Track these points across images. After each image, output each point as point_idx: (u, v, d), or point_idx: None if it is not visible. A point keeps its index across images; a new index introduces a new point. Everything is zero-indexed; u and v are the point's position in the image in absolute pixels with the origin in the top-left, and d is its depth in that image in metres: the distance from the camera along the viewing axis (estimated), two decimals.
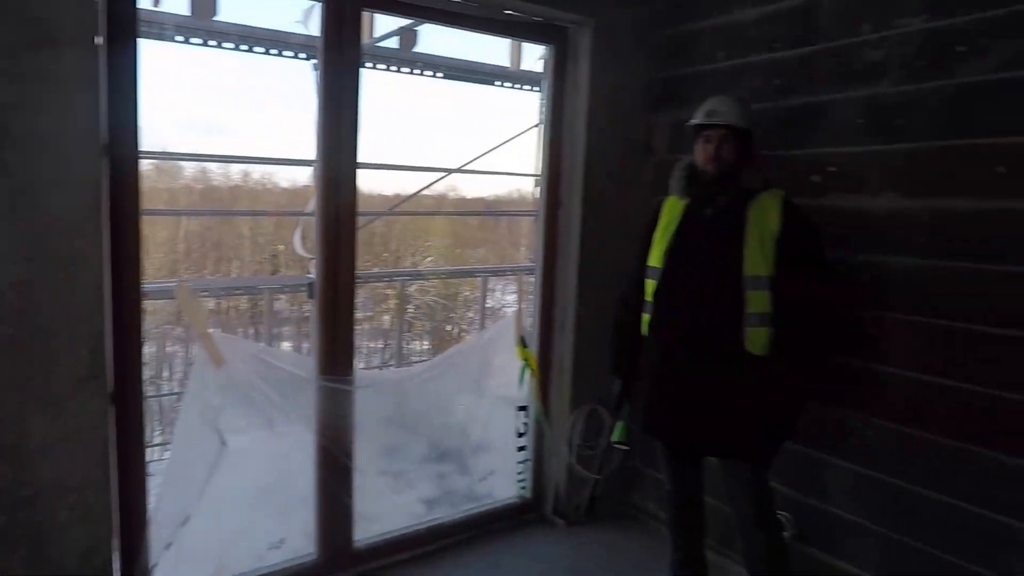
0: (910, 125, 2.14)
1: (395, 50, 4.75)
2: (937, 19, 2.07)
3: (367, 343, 14.40)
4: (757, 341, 2.01)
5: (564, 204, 2.95)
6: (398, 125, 17.45)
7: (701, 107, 2.15)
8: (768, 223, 2.02)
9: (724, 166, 2.08)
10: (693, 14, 2.81)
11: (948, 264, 2.07)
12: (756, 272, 2.00)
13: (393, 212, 6.11)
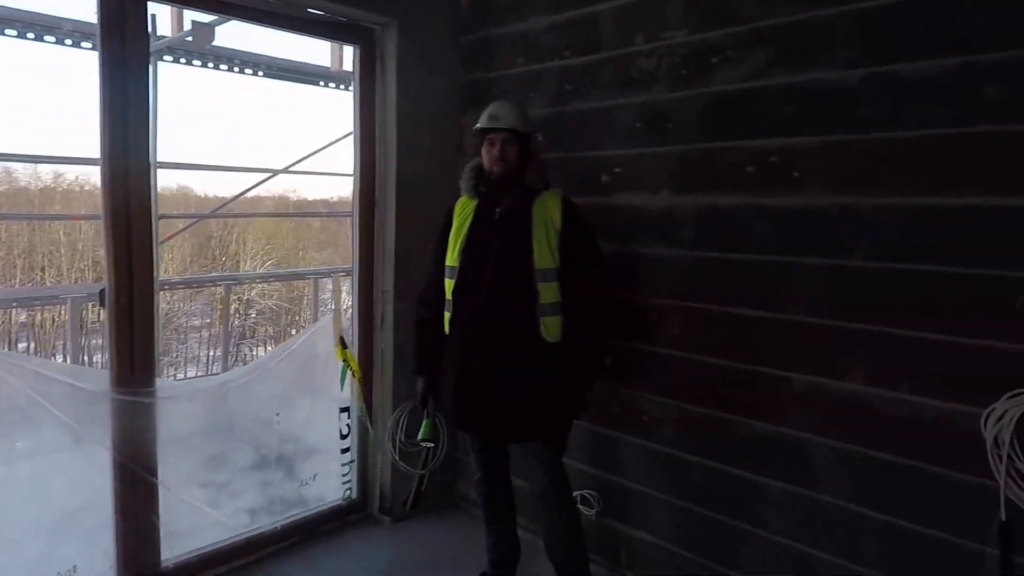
0: (679, 129, 2.36)
1: (210, 46, 4.50)
2: (695, 33, 2.30)
3: (207, 351, 13.48)
4: (552, 329, 2.17)
5: (380, 204, 2.95)
6: (222, 125, 16.42)
7: (484, 112, 2.26)
8: (551, 220, 2.18)
9: (508, 168, 2.20)
10: (494, 20, 2.90)
11: (710, 255, 2.30)
12: (545, 266, 2.15)
13: (203, 216, 5.76)
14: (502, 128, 2.20)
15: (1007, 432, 1.74)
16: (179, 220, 6.18)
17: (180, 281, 5.66)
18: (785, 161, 2.12)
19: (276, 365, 2.68)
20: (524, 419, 2.19)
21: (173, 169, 4.82)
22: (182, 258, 14.17)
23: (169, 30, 4.10)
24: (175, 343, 13.01)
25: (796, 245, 2.11)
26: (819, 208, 2.06)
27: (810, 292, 2.09)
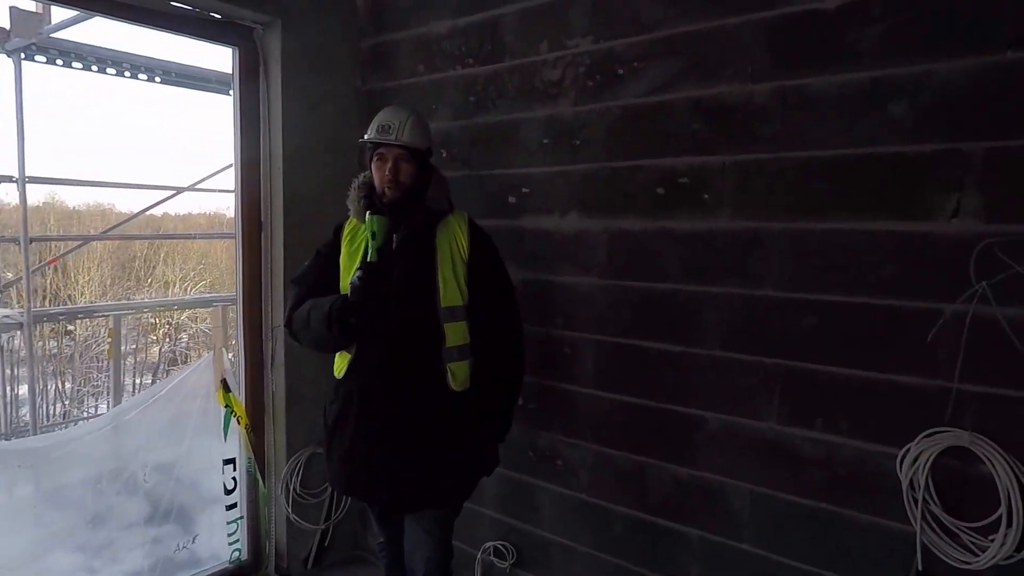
0: (586, 145, 2.17)
1: (91, 47, 4.10)
2: (600, 41, 2.11)
3: (135, 379, 12.76)
4: (459, 376, 1.88)
5: (266, 226, 2.65)
6: (118, 135, 15.33)
7: (374, 120, 1.92)
8: (457, 248, 1.90)
9: (403, 189, 1.87)
10: (393, 23, 2.66)
11: (621, 283, 2.11)
12: (452, 302, 1.87)
13: (89, 239, 5.32)
14: (394, 144, 1.87)
15: (922, 475, 1.62)
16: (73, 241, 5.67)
17: (62, 312, 5.16)
18: (695, 182, 1.95)
19: (140, 414, 2.34)
20: (425, 487, 1.87)
21: (50, 184, 4.36)
22: (101, 280, 13.33)
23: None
24: (95, 371, 12.23)
25: (707, 273, 1.94)
26: (729, 233, 1.90)
27: (722, 324, 1.92)
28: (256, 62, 2.57)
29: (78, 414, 11.79)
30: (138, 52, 4.41)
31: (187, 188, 5.25)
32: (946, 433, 1.60)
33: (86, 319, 5.81)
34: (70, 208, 13.70)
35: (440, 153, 2.52)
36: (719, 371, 1.93)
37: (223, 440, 2.58)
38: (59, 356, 11.76)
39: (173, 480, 2.56)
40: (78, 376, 11.93)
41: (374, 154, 1.91)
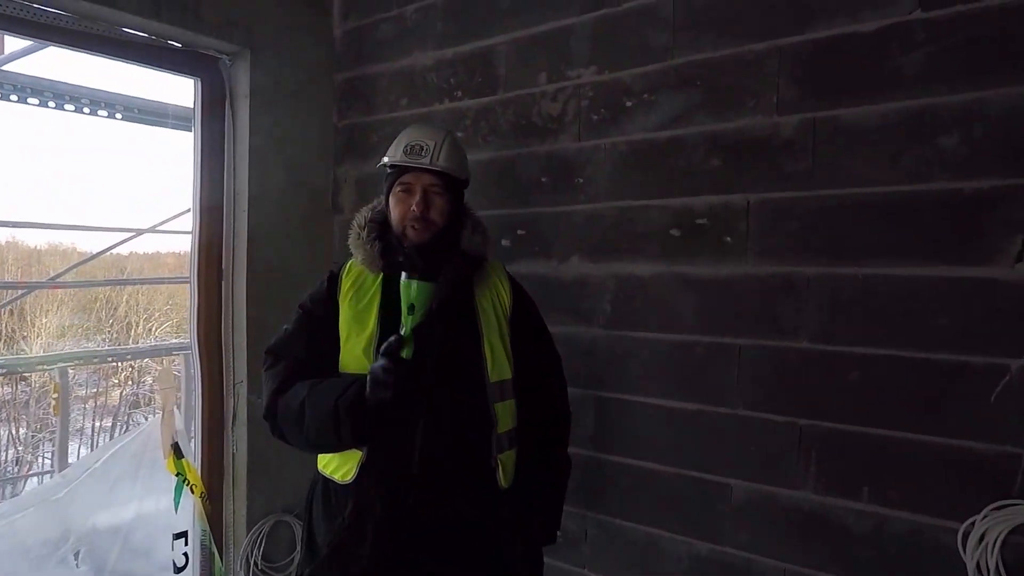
0: (590, 184, 1.97)
1: (48, 81, 3.85)
2: (606, 71, 1.94)
3: (95, 422, 12.16)
4: (508, 468, 1.49)
5: (227, 273, 2.39)
6: (80, 175, 14.86)
7: (399, 139, 1.54)
8: (500, 307, 1.54)
9: (434, 231, 1.48)
10: (372, 55, 2.47)
11: (631, 335, 1.89)
12: (501, 376, 1.49)
13: (36, 286, 5.00)
14: (430, 169, 1.47)
15: (991, 556, 1.41)
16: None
17: (9, 361, 4.77)
18: (715, 223, 1.76)
19: (72, 489, 2.03)
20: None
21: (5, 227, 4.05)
22: (59, 323, 12.76)
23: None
24: (51, 417, 11.62)
25: (729, 323, 1.74)
26: (755, 279, 1.70)
27: (747, 380, 1.71)
28: (221, 95, 2.35)
29: (32, 459, 11.14)
30: (98, 87, 4.18)
31: (148, 229, 4.96)
32: (1018, 507, 1.40)
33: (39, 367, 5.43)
34: (31, 248, 13.15)
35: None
36: (745, 433, 1.71)
37: (174, 511, 2.27)
38: (13, 401, 11.14)
39: (112, 560, 2.23)
40: (33, 421, 11.31)
41: (396, 182, 1.51)
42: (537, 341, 1.63)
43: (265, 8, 2.33)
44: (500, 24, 2.14)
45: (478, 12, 2.19)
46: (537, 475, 1.56)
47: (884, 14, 1.54)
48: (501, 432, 1.47)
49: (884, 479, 1.53)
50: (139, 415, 13.41)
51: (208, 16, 2.17)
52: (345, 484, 1.41)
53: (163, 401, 2.27)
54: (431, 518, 1.40)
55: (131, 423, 13.64)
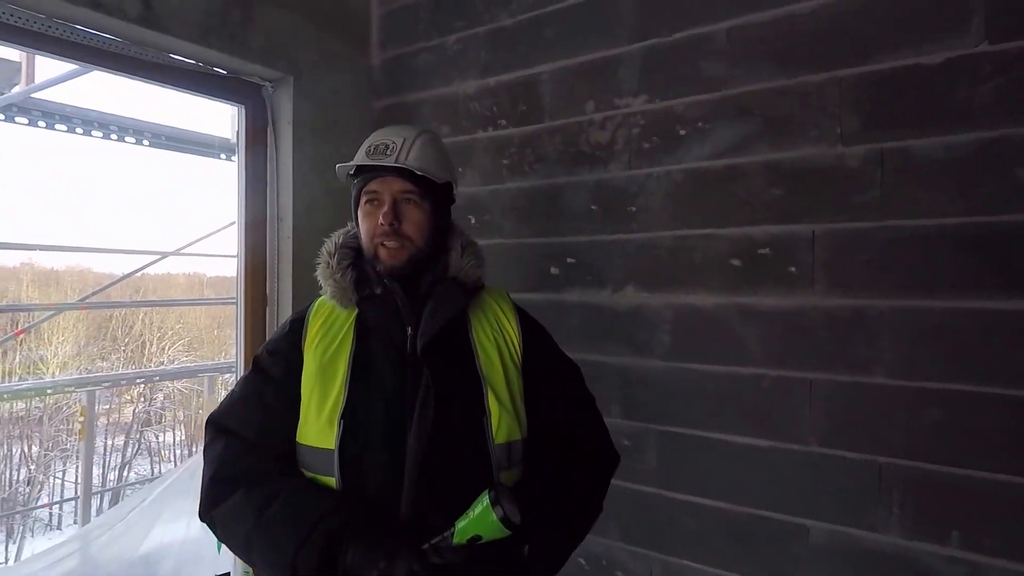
0: (644, 213, 1.94)
1: (75, 108, 3.87)
2: (657, 99, 1.92)
3: (108, 440, 12.18)
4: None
5: (271, 299, 2.37)
6: (103, 199, 15.04)
7: (366, 140, 1.29)
8: (507, 344, 1.26)
9: (410, 250, 1.21)
10: (412, 83, 2.46)
11: (690, 367, 1.85)
12: (510, 435, 1.18)
13: (64, 307, 5.01)
14: (398, 170, 1.19)
15: None
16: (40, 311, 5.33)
17: (27, 389, 4.77)
18: (778, 253, 1.73)
19: (109, 540, 1.98)
20: None
21: (24, 250, 4.07)
22: (75, 340, 12.80)
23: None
24: (64, 434, 11.63)
25: (797, 357, 1.69)
26: (824, 311, 1.66)
27: (820, 416, 1.66)
28: (264, 122, 2.34)
29: (43, 480, 11.11)
30: (125, 115, 4.21)
31: (171, 253, 4.98)
32: None
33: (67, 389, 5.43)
34: (48, 269, 13.27)
35: (468, 219, 2.29)
36: (820, 471, 1.66)
37: (216, 552, 2.23)
38: (27, 418, 11.15)
39: None
40: (46, 439, 11.31)
41: (362, 192, 1.24)
42: (563, 384, 1.33)
43: (307, 36, 2.33)
44: (545, 53, 2.12)
45: (522, 42, 2.17)
46: (559, 502, 1.20)
47: (950, 46, 1.51)
48: None
49: (976, 523, 1.48)
50: (151, 433, 13.42)
51: (254, 43, 2.16)
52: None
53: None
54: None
55: (143, 441, 13.62)
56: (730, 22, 1.79)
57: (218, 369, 4.99)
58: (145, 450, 13.05)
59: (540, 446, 1.24)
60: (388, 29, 2.52)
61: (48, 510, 10.13)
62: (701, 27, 1.83)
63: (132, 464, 12.52)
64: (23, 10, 1.74)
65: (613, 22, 1.98)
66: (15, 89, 3.45)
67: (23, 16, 1.76)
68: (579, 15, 2.05)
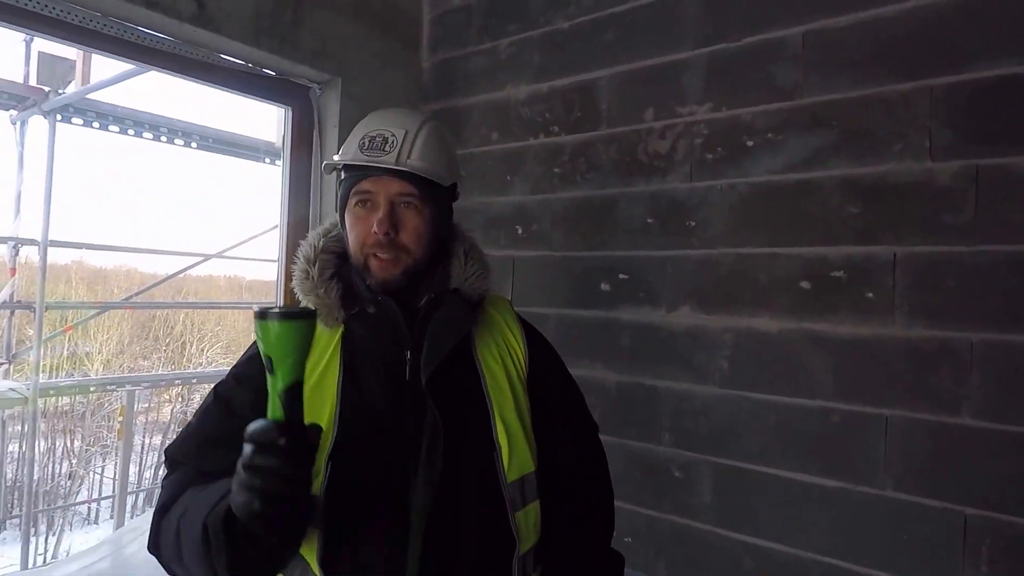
0: (704, 227, 1.82)
1: (129, 110, 3.92)
2: (723, 108, 1.80)
3: (145, 439, 12.39)
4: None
5: None
6: (150, 199, 15.45)
7: (355, 130, 1.09)
8: (513, 362, 1.10)
9: (408, 262, 1.03)
10: (461, 88, 2.38)
11: (750, 396, 1.72)
12: (523, 469, 1.04)
13: (109, 306, 5.06)
14: (395, 169, 1.01)
15: None
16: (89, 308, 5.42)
17: (71, 385, 4.81)
18: (854, 277, 1.59)
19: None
20: None
21: (74, 248, 4.13)
22: (119, 339, 13.08)
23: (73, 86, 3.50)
24: (105, 430, 11.85)
25: (873, 391, 1.55)
26: (904, 342, 1.52)
27: (896, 458, 1.51)
28: (311, 124, 2.29)
29: (83, 474, 11.33)
30: (175, 117, 4.25)
31: (214, 255, 5.00)
32: None
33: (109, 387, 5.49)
34: (96, 268, 13.63)
35: (515, 229, 2.20)
36: (896, 518, 1.50)
37: None
38: (71, 414, 11.40)
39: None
40: (88, 435, 11.55)
41: (352, 191, 1.05)
42: (569, 408, 1.19)
43: (356, 38, 2.27)
44: (603, 58, 2.03)
45: (579, 45, 2.08)
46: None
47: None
48: (525, 552, 1.02)
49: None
50: None
51: (304, 44, 2.12)
52: None
53: None
54: None
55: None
56: (806, 26, 1.67)
57: None
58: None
59: (552, 501, 1.09)
60: (439, 32, 2.46)
61: (87, 505, 10.33)
62: (774, 31, 1.71)
63: None
64: (81, 8, 1.73)
65: (677, 26, 1.88)
66: (70, 88, 3.51)
67: (81, 15, 1.74)
68: (641, 18, 1.95)
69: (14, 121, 3.83)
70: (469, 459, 0.99)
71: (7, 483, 6.75)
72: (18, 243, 3.90)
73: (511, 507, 1.00)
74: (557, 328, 2.07)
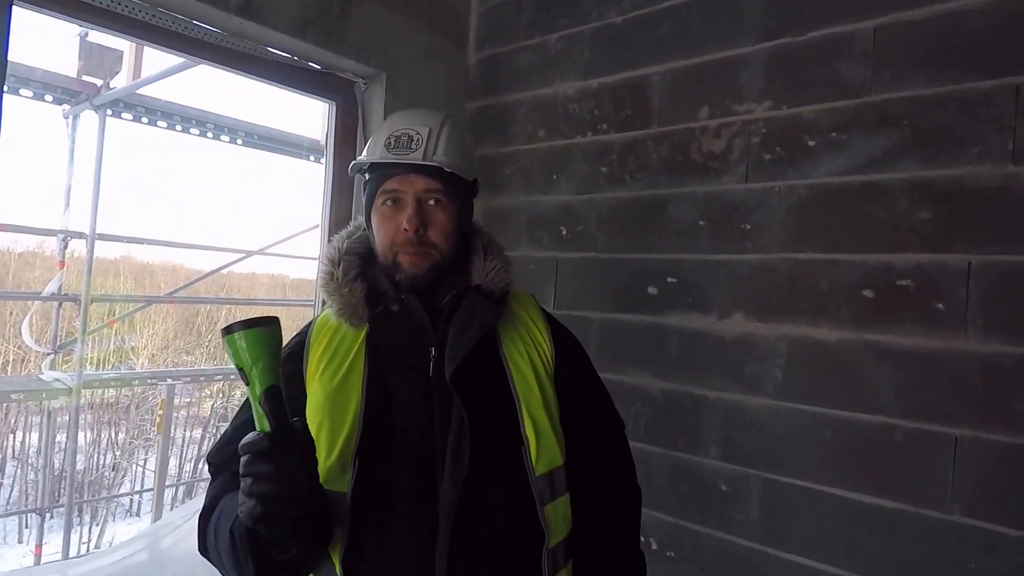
0: (760, 231, 1.74)
1: (178, 106, 3.98)
2: (783, 106, 1.71)
3: (186, 432, 12.67)
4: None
5: None
6: (194, 194, 15.77)
7: (379, 129, 1.09)
8: (541, 357, 1.09)
9: (436, 258, 1.04)
10: (508, 84, 2.34)
11: (807, 409, 1.63)
12: (551, 463, 1.03)
13: (154, 300, 5.14)
14: (424, 166, 1.03)
15: None
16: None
17: (114, 377, 4.90)
18: (922, 286, 1.49)
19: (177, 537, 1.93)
20: None
21: (120, 242, 4.22)
22: (164, 334, 13.40)
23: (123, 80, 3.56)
24: (148, 424, 12.14)
25: (941, 408, 1.44)
26: (977, 358, 1.41)
27: (966, 480, 1.41)
28: (355, 119, 2.27)
29: (127, 467, 11.64)
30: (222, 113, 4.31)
31: (256, 252, 5.06)
32: None
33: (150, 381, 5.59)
34: (143, 263, 14.00)
35: (559, 230, 2.14)
36: (963, 545, 1.40)
37: None
38: (116, 406, 11.72)
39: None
40: (131, 428, 11.86)
41: (379, 190, 1.06)
42: (595, 403, 1.17)
43: (403, 32, 2.25)
44: (657, 53, 1.96)
45: (632, 40, 2.02)
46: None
47: None
48: (554, 545, 1.02)
49: None
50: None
51: (351, 38, 2.10)
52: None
53: None
54: None
55: (220, 436, 14.09)
56: (877, 20, 1.57)
57: None
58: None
59: (575, 487, 1.08)
60: (487, 27, 2.42)
61: (129, 497, 10.61)
62: (841, 25, 1.63)
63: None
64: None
65: (736, 19, 1.80)
66: (119, 80, 3.57)
67: (129, 5, 1.75)
68: (698, 12, 1.88)
69: (66, 116, 3.93)
70: (496, 454, 0.99)
71: (55, 473, 6.94)
72: (67, 236, 4.01)
73: (540, 501, 1.00)
74: (601, 333, 2.00)
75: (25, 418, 10.11)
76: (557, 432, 1.05)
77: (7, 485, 9.92)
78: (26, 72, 3.43)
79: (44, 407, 5.21)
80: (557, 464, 1.04)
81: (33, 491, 9.20)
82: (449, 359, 0.99)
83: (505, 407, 1.02)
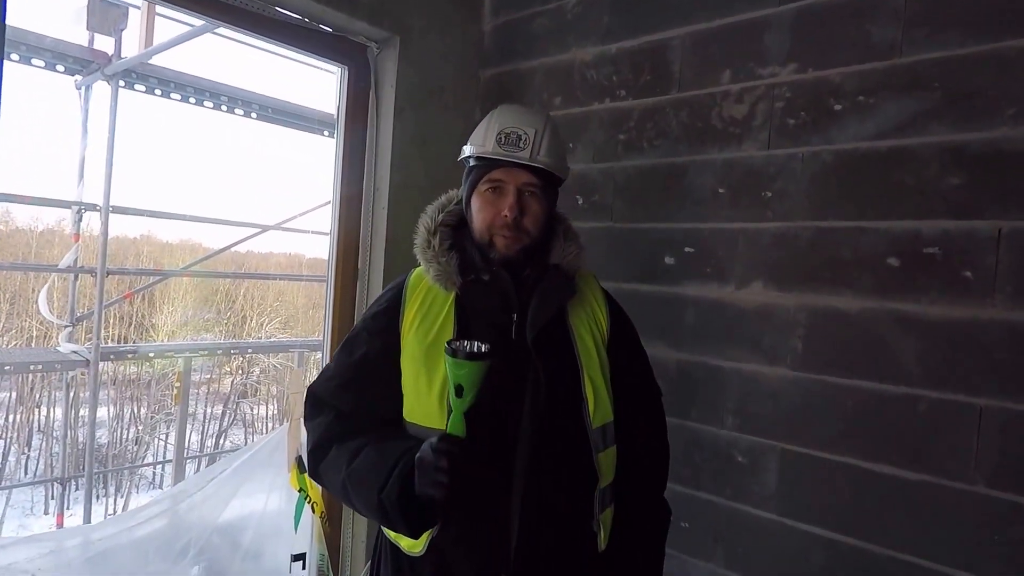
0: (781, 199, 1.70)
1: (191, 76, 3.96)
2: (808, 69, 1.66)
3: (207, 408, 12.87)
4: (607, 527, 1.23)
5: (363, 275, 2.27)
6: (209, 169, 15.74)
7: (488, 123, 1.21)
8: (598, 330, 1.25)
9: (526, 242, 1.19)
10: (523, 50, 2.29)
11: (827, 379, 1.60)
12: (604, 418, 1.20)
13: (169, 274, 5.17)
14: (530, 166, 1.17)
15: None
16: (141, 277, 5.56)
17: (130, 350, 4.94)
18: (950, 254, 1.44)
19: (201, 498, 1.94)
20: None
21: (135, 216, 4.22)
22: (183, 311, 13.54)
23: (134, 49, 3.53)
24: (169, 399, 12.31)
25: (967, 378, 1.41)
26: (1006, 326, 1.37)
27: (991, 452, 1.37)
28: (367, 85, 2.24)
29: (149, 440, 11.87)
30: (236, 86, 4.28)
31: (272, 227, 5.06)
32: None
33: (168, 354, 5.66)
34: (163, 242, 14.11)
35: (575, 200, 2.11)
36: (986, 516, 1.37)
37: (294, 531, 2.15)
38: (138, 382, 11.91)
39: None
40: (153, 403, 12.06)
41: (484, 178, 1.20)
42: (639, 374, 1.34)
43: None
44: (678, 16, 1.91)
45: (651, 4, 1.96)
46: (638, 532, 1.27)
47: None
48: (604, 486, 1.20)
49: None
50: (246, 404, 14.06)
51: (364, 0, 2.06)
52: (415, 558, 1.15)
53: (292, 407, 2.16)
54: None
55: (238, 412, 14.29)
56: None
57: (308, 346, 5.05)
58: (240, 421, 13.64)
59: (620, 442, 1.25)
60: None
61: (152, 469, 10.82)
62: None
63: (228, 433, 13.14)
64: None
65: None
66: (128, 47, 3.52)
67: None
68: None
69: (79, 86, 3.91)
70: (563, 407, 1.16)
71: (78, 446, 7.08)
72: (81, 208, 4.01)
73: (595, 449, 1.18)
74: None
75: (49, 393, 10.29)
76: (610, 393, 1.22)
77: (33, 458, 10.13)
78: (36, 40, 3.41)
79: (64, 381, 5.28)
80: (609, 419, 1.21)
81: (57, 463, 9.41)
82: (531, 324, 1.16)
83: (570, 369, 1.19)
